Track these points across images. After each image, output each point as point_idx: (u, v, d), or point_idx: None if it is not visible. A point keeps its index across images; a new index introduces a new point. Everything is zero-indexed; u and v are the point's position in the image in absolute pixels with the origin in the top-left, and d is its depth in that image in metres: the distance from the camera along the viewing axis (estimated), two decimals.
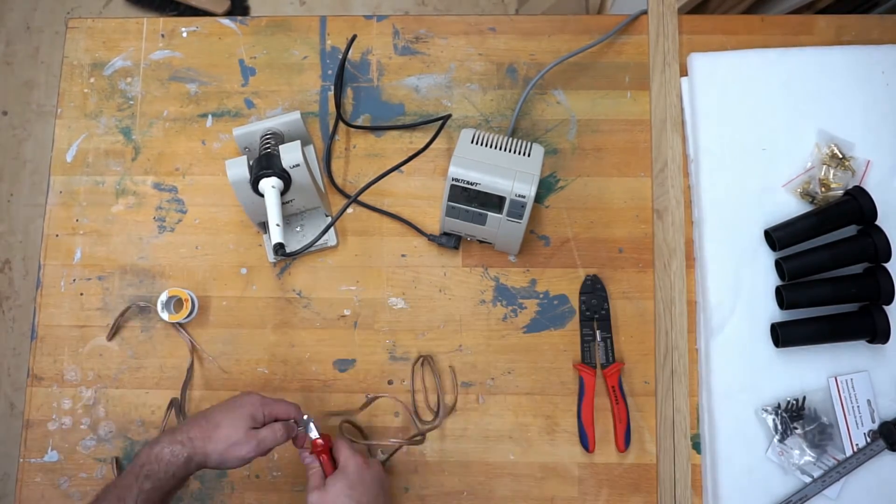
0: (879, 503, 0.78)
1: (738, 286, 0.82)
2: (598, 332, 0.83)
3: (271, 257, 0.86)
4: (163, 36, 0.92)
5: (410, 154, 0.82)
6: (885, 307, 0.78)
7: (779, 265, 0.82)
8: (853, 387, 0.79)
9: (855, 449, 0.78)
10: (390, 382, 0.83)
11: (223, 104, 0.90)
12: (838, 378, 0.80)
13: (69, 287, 0.86)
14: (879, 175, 0.84)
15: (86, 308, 0.85)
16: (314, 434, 0.72)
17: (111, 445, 0.83)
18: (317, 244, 0.82)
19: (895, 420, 0.78)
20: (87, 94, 0.91)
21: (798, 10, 1.27)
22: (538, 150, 0.78)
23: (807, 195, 0.84)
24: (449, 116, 0.85)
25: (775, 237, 0.81)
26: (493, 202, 0.77)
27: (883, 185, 0.83)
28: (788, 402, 0.79)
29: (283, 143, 0.80)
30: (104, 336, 0.84)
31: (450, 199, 0.78)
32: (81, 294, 0.86)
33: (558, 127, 0.89)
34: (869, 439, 0.78)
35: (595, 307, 0.83)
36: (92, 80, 0.91)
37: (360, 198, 0.86)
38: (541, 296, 0.85)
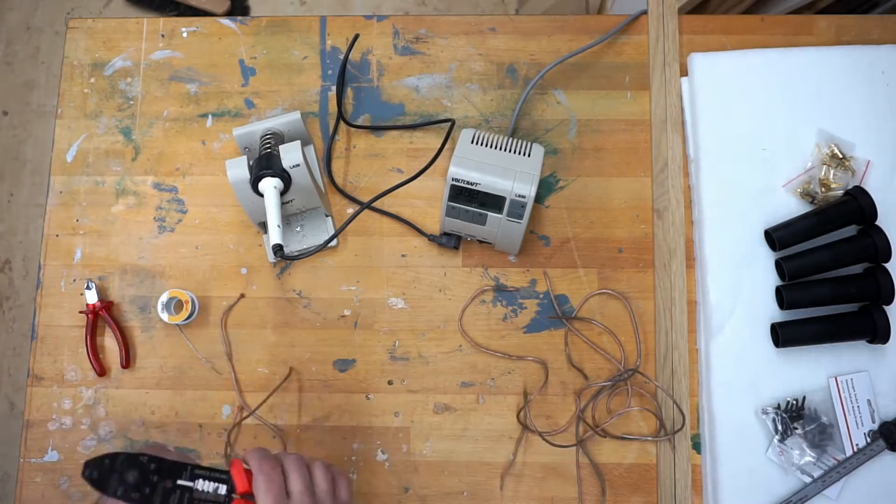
0: (879, 503, 0.78)
1: (738, 286, 0.82)
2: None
3: (271, 257, 0.86)
4: (163, 36, 0.92)
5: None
6: (885, 307, 0.78)
7: (779, 265, 0.82)
8: (853, 387, 0.79)
9: (855, 449, 0.78)
10: (390, 383, 0.83)
11: (223, 104, 0.90)
12: (838, 378, 0.80)
13: (69, 287, 0.86)
14: (879, 175, 0.84)
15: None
16: None
17: (111, 445, 0.83)
18: (316, 244, 0.82)
19: (895, 420, 0.78)
20: (88, 95, 0.91)
21: (798, 10, 1.27)
22: (538, 150, 0.78)
23: (807, 195, 0.84)
24: (453, 122, 0.85)
25: (775, 237, 0.81)
26: (493, 202, 0.76)
27: (883, 185, 0.83)
28: (788, 402, 0.79)
29: (283, 143, 0.80)
30: (104, 336, 0.84)
31: (450, 199, 0.78)
32: (82, 294, 0.86)
33: (558, 127, 0.89)
34: (869, 439, 0.78)
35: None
36: (92, 80, 0.91)
37: (359, 197, 0.87)
38: (541, 296, 0.85)
